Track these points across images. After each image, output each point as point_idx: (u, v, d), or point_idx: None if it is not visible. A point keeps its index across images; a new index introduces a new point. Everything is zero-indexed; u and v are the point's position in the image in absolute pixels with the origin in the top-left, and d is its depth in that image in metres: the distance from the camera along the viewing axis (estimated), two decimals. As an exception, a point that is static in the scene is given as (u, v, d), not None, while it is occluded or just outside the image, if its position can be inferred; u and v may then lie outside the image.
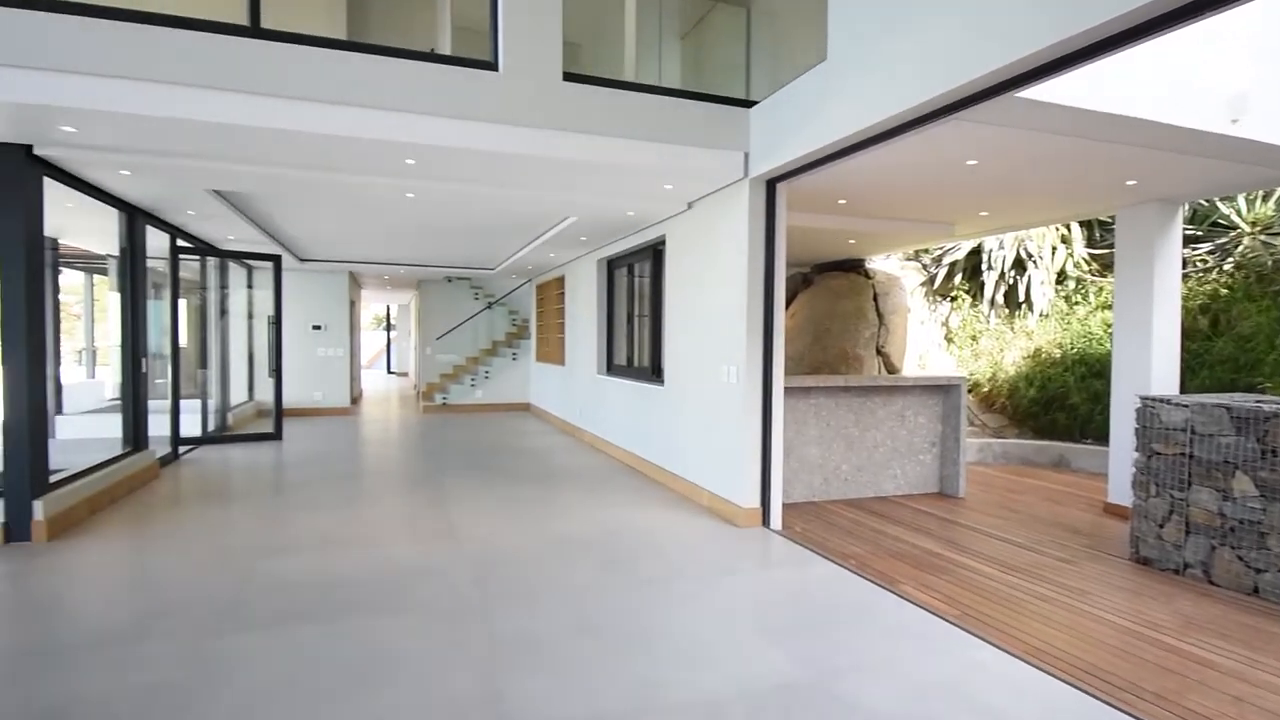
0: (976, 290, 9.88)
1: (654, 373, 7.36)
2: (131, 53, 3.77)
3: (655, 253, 7.37)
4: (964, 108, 3.37)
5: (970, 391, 9.10)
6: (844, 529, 5.16)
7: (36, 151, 4.49)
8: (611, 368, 8.88)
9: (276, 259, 9.14)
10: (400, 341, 26.11)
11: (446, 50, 6.46)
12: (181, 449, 7.92)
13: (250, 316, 10.98)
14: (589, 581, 3.99)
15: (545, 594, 3.78)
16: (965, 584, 4.02)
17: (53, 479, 4.81)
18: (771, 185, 5.17)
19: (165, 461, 7.23)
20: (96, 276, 11.34)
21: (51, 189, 4.86)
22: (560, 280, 11.16)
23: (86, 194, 5.40)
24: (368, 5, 7.29)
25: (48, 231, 7.94)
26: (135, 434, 6.36)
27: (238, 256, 9.01)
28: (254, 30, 4.06)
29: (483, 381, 13.63)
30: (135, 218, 6.37)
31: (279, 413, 9.23)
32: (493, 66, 4.52)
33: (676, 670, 2.94)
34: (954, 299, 10.18)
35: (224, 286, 9.80)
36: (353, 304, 13.73)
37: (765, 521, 5.20)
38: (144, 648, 3.08)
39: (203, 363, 9.30)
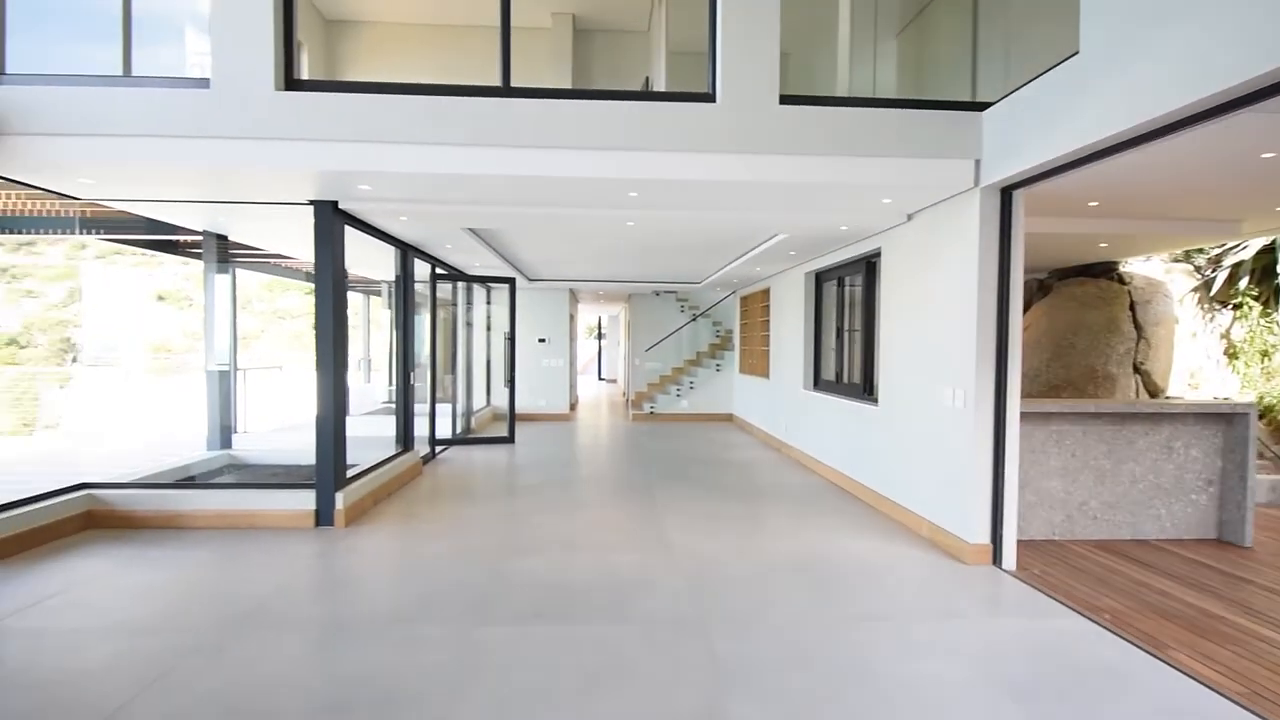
0: (1269, 296, 8.27)
1: (866, 390, 7.10)
2: (409, 121, 4.46)
3: (869, 265, 7.11)
4: (1268, 97, 2.89)
5: (1261, 419, 7.64)
6: (1094, 575, 4.61)
7: (341, 206, 5.46)
8: (819, 383, 8.70)
9: (512, 281, 10.16)
10: (610, 350, 27.60)
11: (662, 76, 6.79)
12: (437, 449, 9.09)
13: (488, 330, 12.31)
14: (803, 610, 3.97)
15: (760, 618, 3.83)
16: (1257, 657, 3.42)
17: (348, 474, 5.79)
18: (1007, 193, 4.78)
19: (425, 460, 8.35)
20: (372, 298, 13.40)
21: (348, 233, 5.86)
22: (765, 293, 11.15)
23: (371, 235, 6.44)
24: (590, 43, 7.87)
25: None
26: (405, 436, 7.44)
27: (481, 280, 10.15)
28: (505, 90, 4.59)
29: (688, 391, 13.99)
30: (407, 252, 7.46)
31: (512, 418, 10.24)
32: (710, 98, 4.68)
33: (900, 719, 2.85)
34: (1238, 307, 8.60)
35: (469, 304, 11.09)
36: (571, 318, 14.80)
37: (996, 560, 4.81)
38: (421, 629, 3.62)
39: (451, 371, 10.60)
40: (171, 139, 4.35)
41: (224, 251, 7.59)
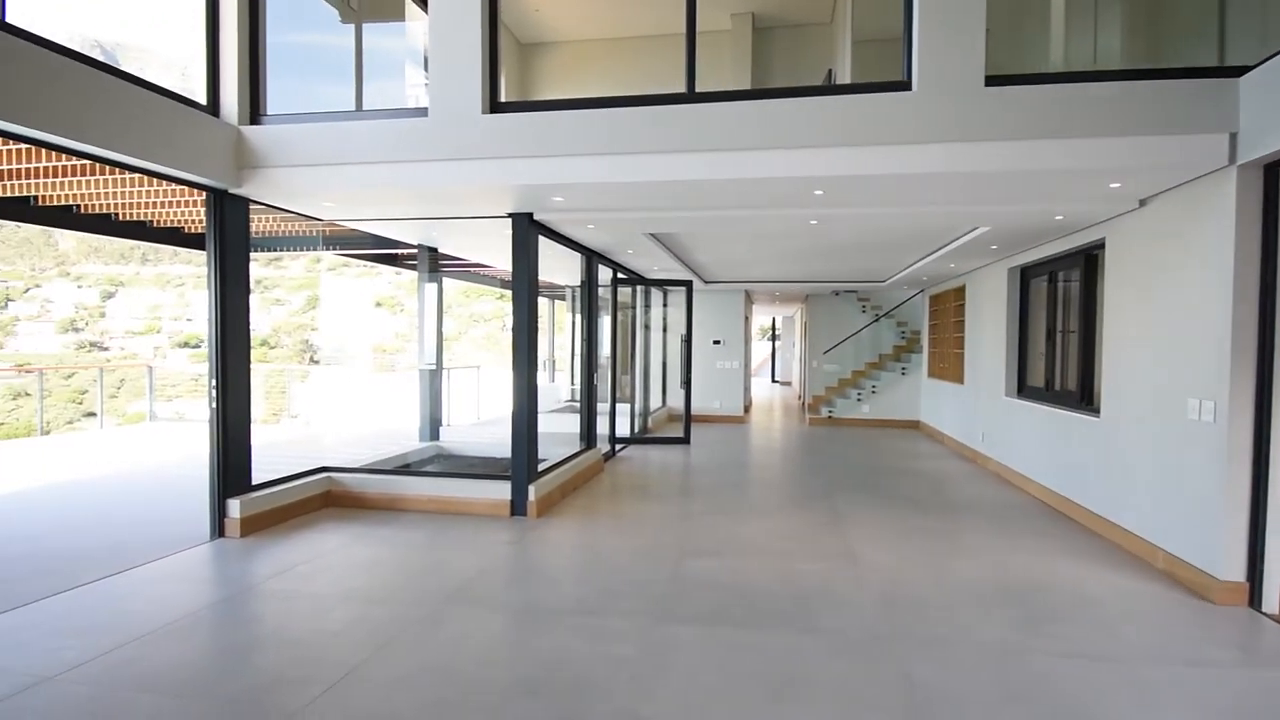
0: None
1: (1083, 399, 6.35)
2: (597, 133, 4.66)
3: (1087, 259, 6.35)
4: None
5: None
6: (1398, 631, 3.77)
7: (536, 217, 5.85)
8: (1024, 390, 7.91)
9: (688, 284, 10.31)
10: (784, 352, 27.08)
11: (846, 68, 6.53)
12: (617, 447, 9.44)
13: (664, 333, 12.58)
14: (1010, 639, 3.63)
15: (960, 644, 3.56)
16: None
17: (540, 468, 6.19)
18: (1273, 170, 4.06)
19: (606, 458, 8.71)
20: (556, 303, 14.21)
21: (540, 242, 6.26)
22: (959, 291, 10.35)
23: (561, 244, 6.83)
24: (769, 41, 7.77)
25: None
26: (588, 434, 7.81)
27: (658, 283, 10.40)
28: (688, 96, 4.66)
29: (869, 396, 13.35)
30: (591, 258, 7.84)
31: (688, 419, 10.38)
32: (905, 85, 4.43)
33: (1140, 772, 2.50)
34: None
35: (647, 307, 11.41)
36: (746, 319, 14.71)
37: (1254, 601, 4.09)
38: (608, 621, 3.77)
39: (629, 372, 10.97)
40: (396, 164, 4.90)
41: (434, 262, 8.42)
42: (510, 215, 5.84)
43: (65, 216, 6.77)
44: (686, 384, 10.39)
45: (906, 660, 3.35)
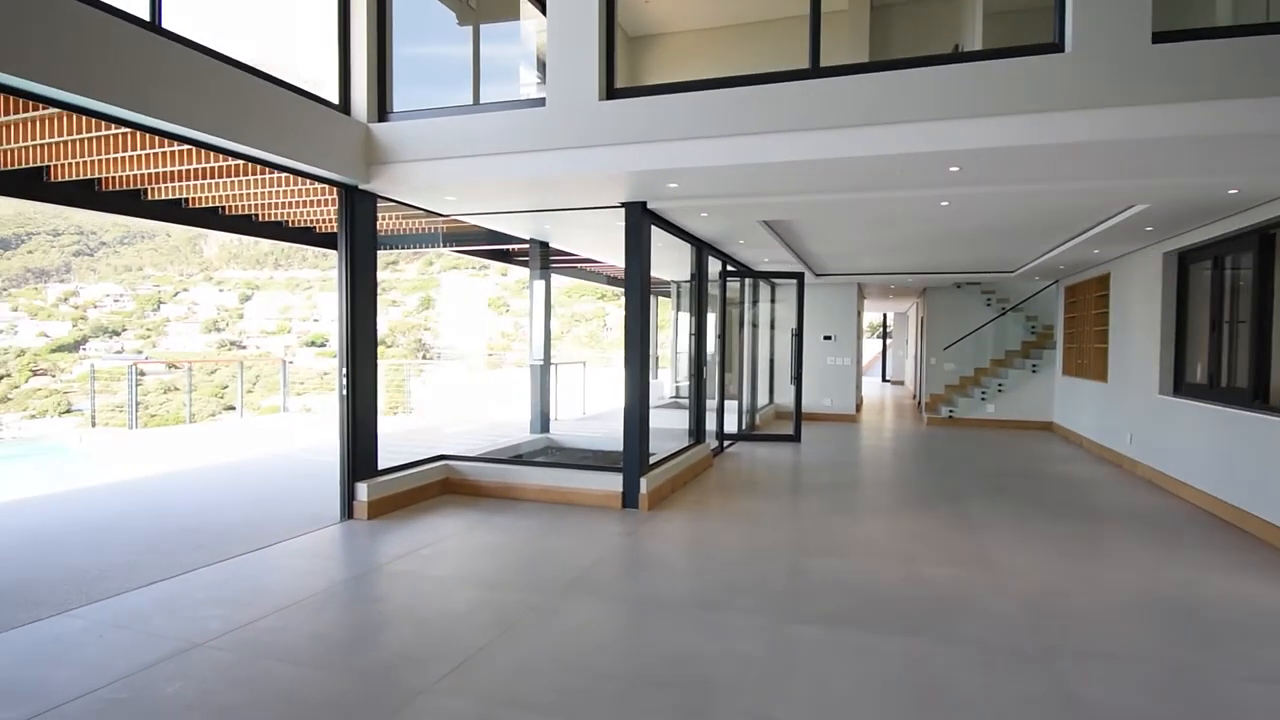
0: None
1: (1257, 397, 5.63)
2: (713, 115, 4.53)
3: (1263, 239, 5.63)
4: None
5: None
6: None
7: (650, 206, 5.80)
8: (1182, 387, 7.13)
9: (799, 276, 10.00)
10: (896, 349, 25.95)
11: (977, 38, 6.10)
12: (724, 443, 9.29)
13: (772, 328, 12.30)
14: (1187, 660, 3.22)
15: (1127, 663, 3.19)
16: None
17: (650, 461, 6.14)
18: None
19: (714, 453, 8.57)
20: (660, 299, 14.19)
21: (652, 235, 6.20)
22: (1103, 280, 9.49)
23: (673, 234, 6.75)
24: (888, 19, 7.38)
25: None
26: (697, 429, 7.70)
27: (767, 276, 10.16)
28: (811, 71, 4.46)
29: (995, 395, 12.52)
30: (701, 250, 7.72)
31: (799, 416, 10.07)
32: (1056, 47, 4.05)
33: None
34: None
35: (755, 302, 11.17)
36: (858, 314, 14.15)
37: None
38: (729, 618, 3.64)
39: (735, 368, 10.77)
40: (514, 155, 4.97)
41: (544, 259, 8.55)
42: (624, 205, 5.81)
43: (213, 218, 7.34)
44: (797, 379, 10.09)
45: (1065, 677, 3.04)
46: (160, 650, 3.14)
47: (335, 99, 5.18)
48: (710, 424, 8.76)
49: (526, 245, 8.72)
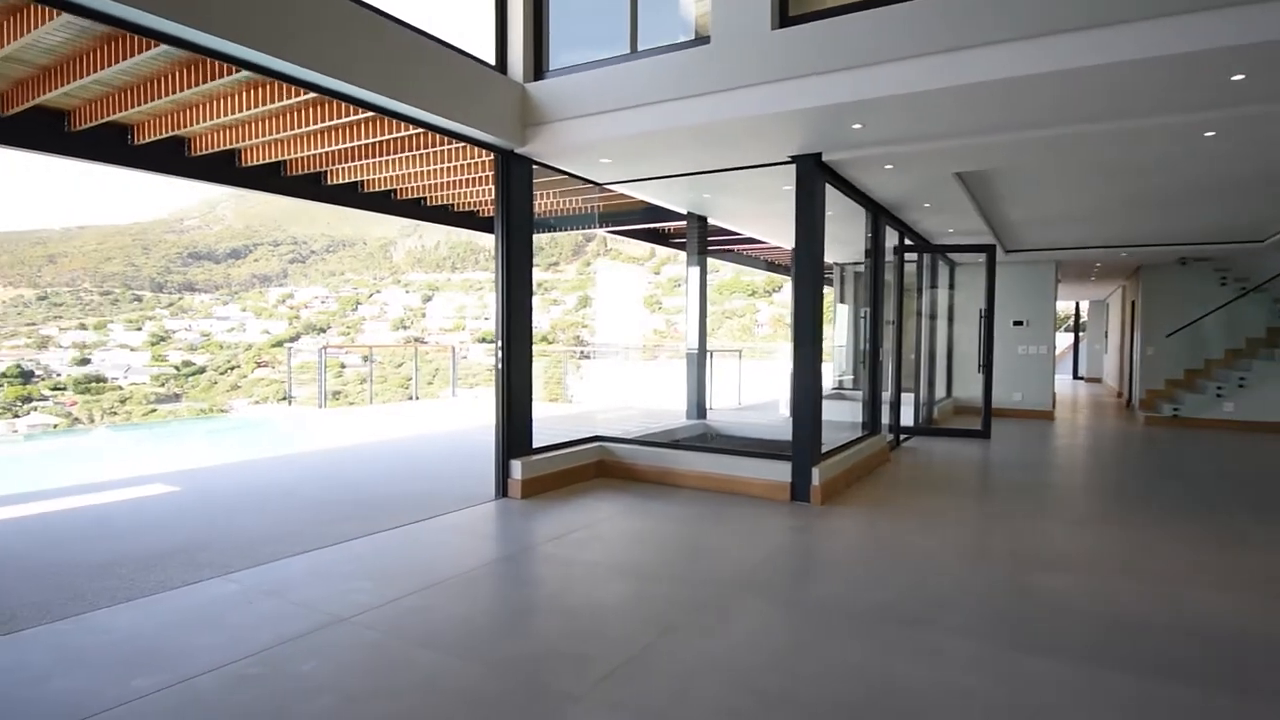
0: None
1: None
2: (912, 29, 3.70)
3: None
4: None
5: None
6: None
7: (825, 158, 5.03)
8: None
9: (990, 249, 8.68)
10: (1092, 343, 22.81)
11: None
12: (901, 437, 8.24)
13: (951, 315, 10.92)
14: None
15: None
16: None
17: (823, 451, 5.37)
18: None
19: (890, 447, 7.57)
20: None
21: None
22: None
23: (846, 194, 5.91)
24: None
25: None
26: (872, 419, 6.79)
27: (954, 250, 8.93)
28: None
29: (1234, 391, 10.29)
30: (878, 218, 6.79)
31: (988, 410, 8.76)
32: None
33: None
34: None
35: (933, 285, 9.92)
36: (1053, 298, 12.29)
37: None
38: (936, 638, 2.85)
39: (906, 356, 9.60)
40: (675, 101, 4.42)
41: (702, 238, 7.95)
42: (794, 159, 5.09)
43: (387, 202, 7.48)
44: (986, 367, 8.78)
45: None
46: (304, 623, 2.90)
47: (491, 59, 4.91)
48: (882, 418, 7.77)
49: (683, 224, 8.20)
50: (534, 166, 5.29)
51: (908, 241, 8.10)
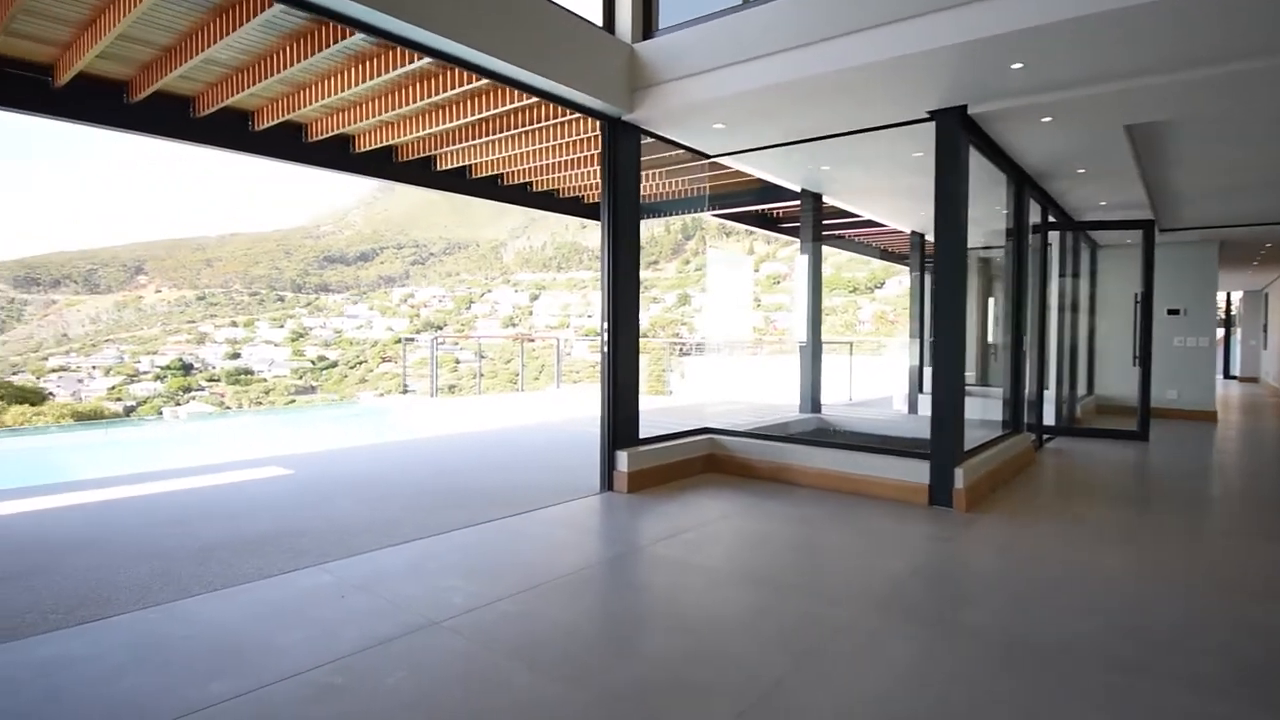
0: None
1: None
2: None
3: None
4: None
5: None
6: None
7: (971, 111, 4.28)
8: None
9: (1147, 225, 7.46)
10: (1247, 338, 20.02)
11: None
12: (1044, 438, 7.22)
13: (1092, 305, 9.61)
14: None
15: None
16: None
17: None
18: None
19: (1034, 448, 6.61)
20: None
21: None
22: None
23: (989, 160, 5.09)
24: None
25: (918, 226, 8.40)
26: (1014, 415, 5.89)
27: (1104, 227, 7.77)
28: None
29: None
30: (1022, 188, 5.88)
31: (1145, 409, 7.54)
32: None
33: None
34: None
35: (1075, 271, 8.70)
36: (1215, 283, 10.62)
37: None
38: (1153, 689, 2.14)
39: (1042, 349, 8.44)
40: (794, 51, 3.82)
41: (816, 221, 7.23)
42: (933, 115, 4.36)
43: (492, 187, 7.26)
44: (1143, 360, 7.57)
45: None
46: (394, 624, 2.55)
47: (599, 19, 4.48)
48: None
49: (794, 205, 7.53)
50: (642, 137, 4.83)
51: (1051, 218, 7.06)
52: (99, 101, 4.75)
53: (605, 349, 4.66)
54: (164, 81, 4.55)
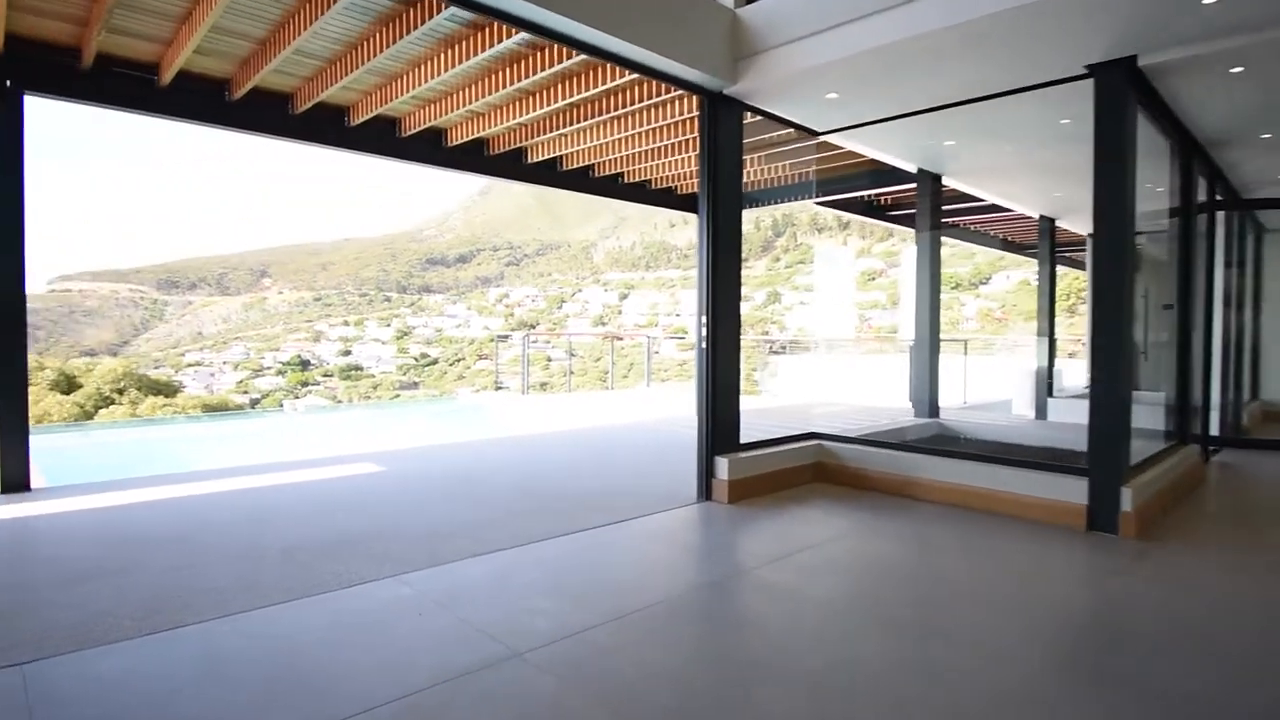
0: None
1: None
2: None
3: None
4: None
5: None
6: None
7: (1142, 62, 3.57)
8: None
9: (1344, 203, 6.30)
10: None
11: None
12: (1210, 450, 6.21)
13: (1258, 294, 8.30)
14: None
15: None
16: None
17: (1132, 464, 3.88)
18: None
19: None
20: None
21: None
22: None
23: (1154, 122, 4.30)
24: None
25: (1049, 210, 7.46)
26: (1179, 425, 5.03)
27: (1259, 207, 6.64)
28: None
29: None
30: (1190, 159, 5.01)
31: (1337, 418, 6.36)
32: None
33: None
34: None
35: (1240, 264, 7.51)
36: None
37: None
38: None
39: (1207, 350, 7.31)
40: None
41: (935, 207, 6.51)
42: (1091, 70, 3.67)
43: (583, 179, 6.99)
44: (1335, 361, 6.39)
45: None
46: (474, 653, 2.24)
47: (698, -17, 4.08)
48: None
49: (905, 191, 6.85)
50: (744, 115, 4.38)
51: (1218, 196, 6.06)
52: (202, 100, 4.79)
53: (703, 344, 4.25)
54: (260, 76, 4.53)
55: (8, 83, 3.85)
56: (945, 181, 6.46)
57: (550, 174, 6.60)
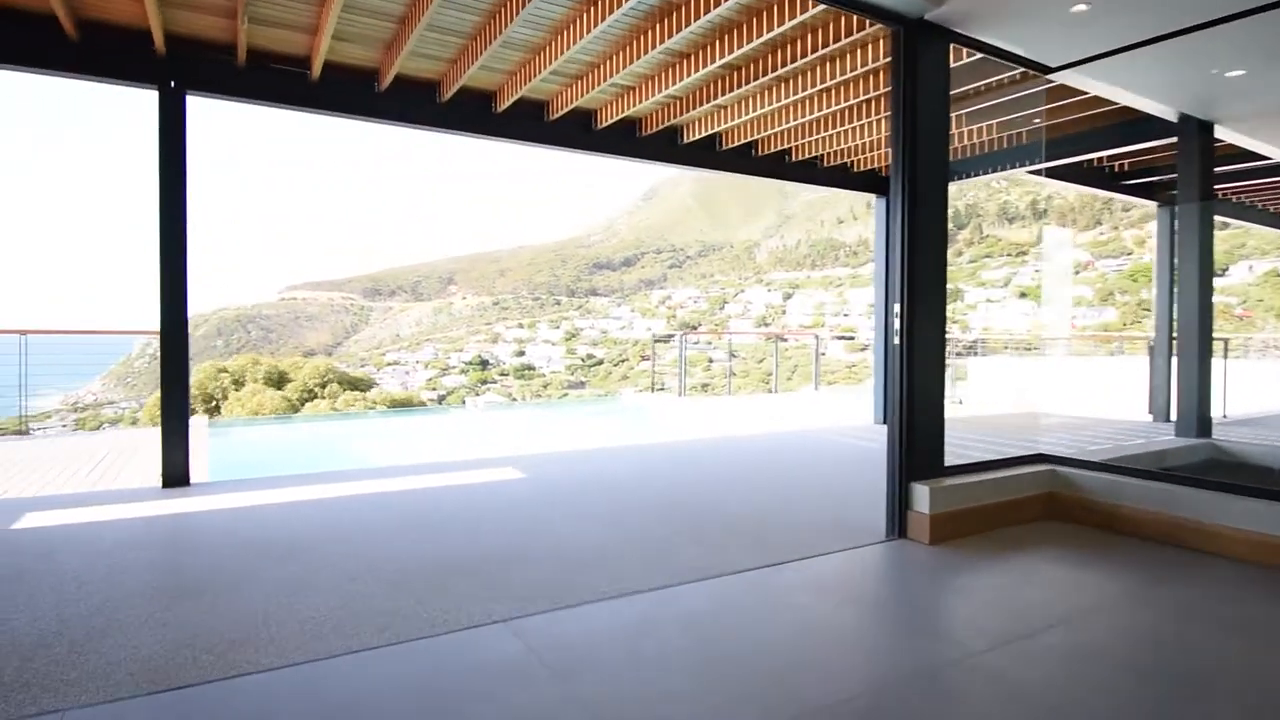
0: None
1: None
2: None
3: None
4: None
5: None
6: None
7: None
8: None
9: None
10: None
11: None
12: None
13: None
14: None
15: None
16: None
17: None
18: None
19: None
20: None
21: None
22: None
23: None
24: None
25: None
26: None
27: None
28: None
29: None
30: None
31: None
32: None
33: None
34: None
35: None
36: None
37: None
38: None
39: None
40: None
41: (1203, 173, 5.00)
42: None
43: (743, 160, 6.27)
44: None
45: None
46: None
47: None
48: None
49: (1154, 153, 5.38)
50: (951, 47, 3.43)
51: None
52: (416, 102, 4.92)
53: (898, 339, 3.35)
54: (469, 75, 4.55)
55: (171, 83, 3.92)
56: (1219, 132, 4.92)
57: (708, 154, 5.93)
